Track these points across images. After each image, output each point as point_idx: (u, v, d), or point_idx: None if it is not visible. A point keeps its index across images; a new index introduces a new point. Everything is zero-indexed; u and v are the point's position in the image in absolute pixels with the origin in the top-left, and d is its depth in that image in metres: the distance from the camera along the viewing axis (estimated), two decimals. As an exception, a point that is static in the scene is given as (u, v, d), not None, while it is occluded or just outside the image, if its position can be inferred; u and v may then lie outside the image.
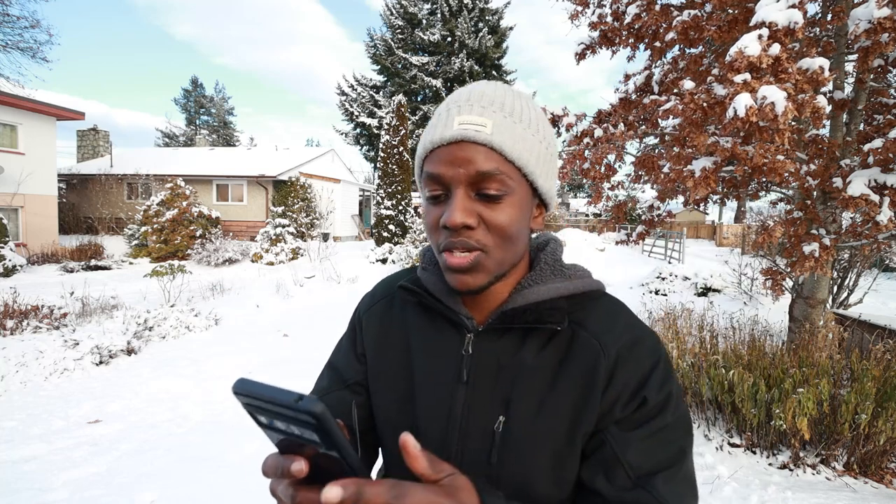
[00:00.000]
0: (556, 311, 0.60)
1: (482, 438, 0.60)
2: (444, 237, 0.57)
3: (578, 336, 0.60)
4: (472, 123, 0.55)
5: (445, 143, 0.56)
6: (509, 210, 0.56)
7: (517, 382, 0.60)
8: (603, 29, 4.66)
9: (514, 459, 0.58)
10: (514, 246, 0.59)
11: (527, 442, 0.58)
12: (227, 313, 7.32)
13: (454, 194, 0.56)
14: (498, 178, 0.55)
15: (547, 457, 0.58)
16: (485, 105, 0.56)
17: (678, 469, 0.57)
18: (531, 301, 0.61)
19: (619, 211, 5.40)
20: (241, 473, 2.93)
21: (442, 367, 0.64)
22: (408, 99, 24.78)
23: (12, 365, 4.42)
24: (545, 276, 0.64)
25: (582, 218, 33.82)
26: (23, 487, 2.75)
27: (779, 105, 2.57)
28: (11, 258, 10.27)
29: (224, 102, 44.36)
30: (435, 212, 0.58)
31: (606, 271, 13.32)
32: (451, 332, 0.65)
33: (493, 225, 0.56)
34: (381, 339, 0.71)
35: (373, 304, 0.75)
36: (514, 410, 0.59)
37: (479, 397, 0.61)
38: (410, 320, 0.69)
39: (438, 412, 0.62)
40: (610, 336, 0.60)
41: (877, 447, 2.95)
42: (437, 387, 0.63)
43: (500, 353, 0.62)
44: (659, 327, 4.75)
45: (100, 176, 17.45)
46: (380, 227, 16.20)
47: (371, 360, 0.71)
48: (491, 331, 0.62)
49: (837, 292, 6.68)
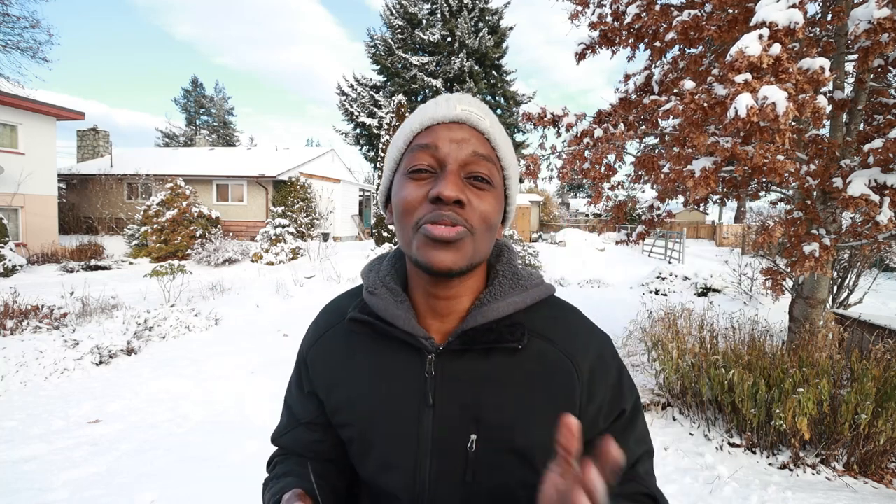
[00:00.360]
0: (515, 327, 0.60)
1: (455, 459, 0.58)
2: (430, 210, 0.54)
3: (545, 351, 0.61)
4: (474, 112, 0.59)
5: (448, 120, 0.57)
6: (492, 200, 0.58)
7: (485, 399, 0.59)
8: (603, 29, 4.66)
9: (491, 476, 0.58)
10: (490, 237, 0.59)
11: (502, 456, 0.58)
12: (227, 313, 7.32)
13: (448, 170, 0.55)
14: (489, 165, 0.58)
15: (524, 468, 0.58)
16: (479, 106, 0.61)
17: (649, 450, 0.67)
18: (490, 319, 0.60)
19: (619, 211, 5.40)
20: (241, 473, 2.93)
21: (405, 392, 0.61)
22: (408, 99, 24.77)
23: (12, 365, 4.42)
24: (504, 290, 0.63)
25: (582, 218, 33.82)
26: (23, 487, 2.75)
27: (780, 105, 2.57)
28: (11, 258, 10.27)
29: (224, 102, 44.35)
30: (416, 189, 0.56)
31: (606, 271, 13.33)
32: (409, 356, 0.62)
33: (479, 210, 0.56)
34: (333, 375, 0.67)
35: (317, 340, 0.70)
36: (486, 427, 0.58)
37: (448, 418, 0.59)
38: (363, 348, 0.65)
39: (406, 438, 0.60)
40: (577, 350, 0.62)
41: (877, 447, 2.95)
42: (402, 412, 0.61)
43: (464, 372, 0.60)
44: (659, 327, 4.75)
45: (100, 176, 17.45)
46: (380, 227, 16.20)
47: (326, 397, 0.67)
48: (451, 351, 0.61)
49: (837, 292, 6.68)
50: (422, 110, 0.60)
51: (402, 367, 0.62)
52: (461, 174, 0.56)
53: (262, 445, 3.29)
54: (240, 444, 3.33)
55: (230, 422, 3.74)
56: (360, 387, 0.64)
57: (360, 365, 0.65)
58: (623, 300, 9.09)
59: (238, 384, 4.55)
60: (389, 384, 0.62)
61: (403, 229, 0.58)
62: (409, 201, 0.56)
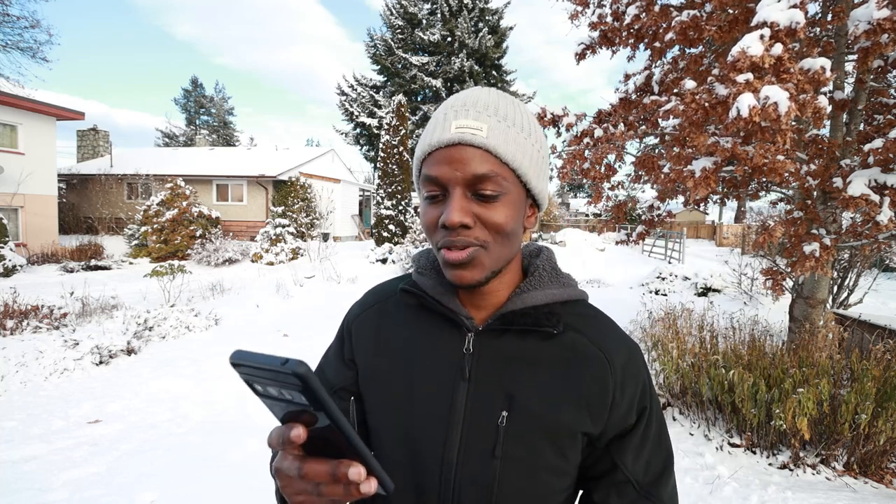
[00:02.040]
0: (552, 315, 0.64)
1: (486, 433, 0.61)
2: (443, 236, 0.59)
3: (579, 342, 0.65)
4: (469, 127, 0.58)
5: (443, 145, 0.59)
6: (504, 209, 0.59)
7: (519, 378, 0.62)
8: (603, 29, 4.66)
9: (519, 452, 0.61)
10: (510, 243, 0.62)
11: (531, 435, 0.61)
12: (227, 313, 7.32)
13: (452, 195, 0.58)
14: (493, 180, 0.58)
15: (550, 448, 0.61)
16: (480, 110, 0.59)
17: (671, 469, 0.66)
18: (529, 305, 0.64)
19: (619, 211, 5.40)
20: (241, 473, 2.93)
21: (442, 366, 0.65)
22: (408, 99, 24.78)
23: (12, 365, 4.42)
24: (543, 281, 0.67)
25: (582, 218, 33.82)
26: (23, 487, 2.75)
27: (782, 105, 2.57)
28: (11, 258, 10.26)
29: (224, 102, 44.33)
30: (433, 212, 0.61)
31: (606, 271, 13.33)
32: (450, 333, 0.66)
33: (489, 223, 0.59)
34: (374, 343, 0.71)
35: (363, 312, 0.75)
36: (517, 404, 0.61)
37: (482, 393, 0.62)
38: (407, 322, 0.70)
39: (438, 409, 0.63)
40: (610, 347, 0.65)
41: (877, 447, 2.95)
42: (438, 384, 0.64)
43: (501, 351, 0.64)
44: (659, 327, 4.75)
45: (100, 176, 17.44)
46: (380, 227, 16.20)
47: (363, 364, 0.71)
48: (490, 330, 0.65)
49: (837, 292, 6.68)
50: (427, 131, 0.63)
51: (443, 342, 0.66)
52: (467, 193, 0.59)
53: (263, 445, 3.29)
54: (240, 443, 3.33)
55: (230, 421, 3.74)
56: (401, 356, 0.68)
57: (402, 336, 0.69)
58: (623, 300, 9.08)
59: (238, 384, 4.55)
60: (430, 356, 0.66)
61: (431, 244, 0.65)
62: (428, 224, 0.62)
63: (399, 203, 16.23)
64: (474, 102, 0.60)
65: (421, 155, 0.62)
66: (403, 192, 16.34)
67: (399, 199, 16.24)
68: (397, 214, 16.16)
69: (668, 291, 10.15)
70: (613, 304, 8.77)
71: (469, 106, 0.59)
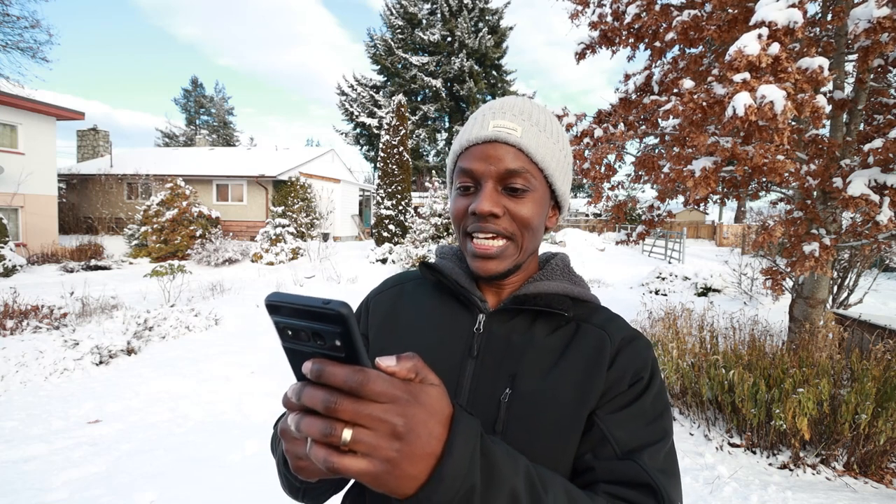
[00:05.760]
0: (563, 299, 0.69)
1: (489, 409, 0.63)
2: (472, 222, 0.65)
3: (583, 327, 0.68)
4: (505, 127, 0.65)
5: (480, 141, 0.65)
6: (531, 205, 0.66)
7: (524, 359, 0.65)
8: (603, 29, 4.66)
9: (519, 428, 0.62)
10: (534, 237, 0.68)
11: (532, 412, 0.63)
12: (227, 313, 7.32)
13: (483, 186, 0.64)
14: (523, 176, 0.64)
15: (550, 427, 0.62)
16: (516, 113, 0.66)
17: (663, 446, 0.62)
18: (542, 291, 0.69)
19: (619, 211, 5.40)
20: (241, 473, 2.93)
21: (452, 343, 0.69)
22: (408, 99, 24.78)
23: (12, 365, 4.42)
24: (555, 274, 0.73)
25: (582, 218, 33.79)
26: (23, 487, 2.75)
27: (778, 104, 2.57)
28: (11, 258, 10.26)
29: (224, 102, 44.34)
30: (463, 202, 0.67)
31: (606, 271, 13.33)
32: (463, 313, 0.71)
33: (516, 216, 0.65)
34: (389, 318, 0.76)
35: (382, 290, 0.81)
36: (520, 384, 0.64)
37: (487, 371, 0.65)
38: (423, 302, 0.75)
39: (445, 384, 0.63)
40: (613, 328, 0.68)
41: (877, 447, 2.95)
42: (447, 360, 0.67)
43: (510, 333, 0.68)
44: (659, 327, 4.75)
45: (100, 176, 17.45)
46: (380, 227, 16.20)
47: (375, 337, 0.75)
48: (502, 312, 0.69)
49: (837, 292, 6.67)
50: (465, 129, 0.69)
51: (455, 321, 0.71)
52: (498, 187, 0.65)
53: (262, 445, 3.29)
54: (239, 444, 3.33)
55: (230, 422, 3.74)
56: (414, 332, 0.72)
57: (417, 314, 0.74)
58: (623, 300, 9.08)
59: (238, 384, 4.55)
60: (441, 334, 0.70)
61: (457, 233, 0.71)
62: (457, 212, 0.68)
63: (399, 203, 16.22)
64: (511, 107, 0.67)
65: (458, 149, 0.68)
66: (403, 192, 16.33)
67: (399, 199, 16.23)
68: (397, 214, 16.16)
69: (668, 291, 10.15)
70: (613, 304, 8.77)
71: (506, 109, 0.66)
